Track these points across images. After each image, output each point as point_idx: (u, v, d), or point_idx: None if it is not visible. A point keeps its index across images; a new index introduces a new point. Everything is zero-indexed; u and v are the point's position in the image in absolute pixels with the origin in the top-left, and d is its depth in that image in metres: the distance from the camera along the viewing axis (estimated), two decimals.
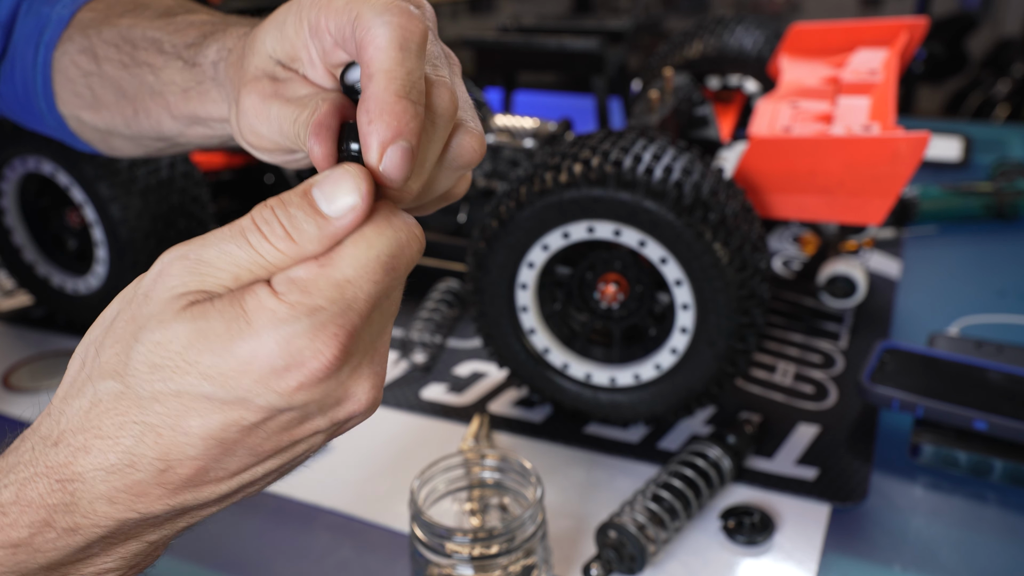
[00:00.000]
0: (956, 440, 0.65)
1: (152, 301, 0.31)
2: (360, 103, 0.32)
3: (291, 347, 0.30)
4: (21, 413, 0.78)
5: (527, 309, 0.70)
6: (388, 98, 0.31)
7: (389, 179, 0.31)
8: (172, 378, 0.30)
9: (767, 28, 1.09)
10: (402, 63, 0.31)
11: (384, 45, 0.31)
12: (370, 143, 0.31)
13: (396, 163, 0.31)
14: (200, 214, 0.86)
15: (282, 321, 0.30)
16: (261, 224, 0.31)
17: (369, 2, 0.33)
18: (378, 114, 0.31)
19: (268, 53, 0.38)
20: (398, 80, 0.31)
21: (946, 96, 2.99)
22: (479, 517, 0.58)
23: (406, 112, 0.31)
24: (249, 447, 0.32)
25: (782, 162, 0.74)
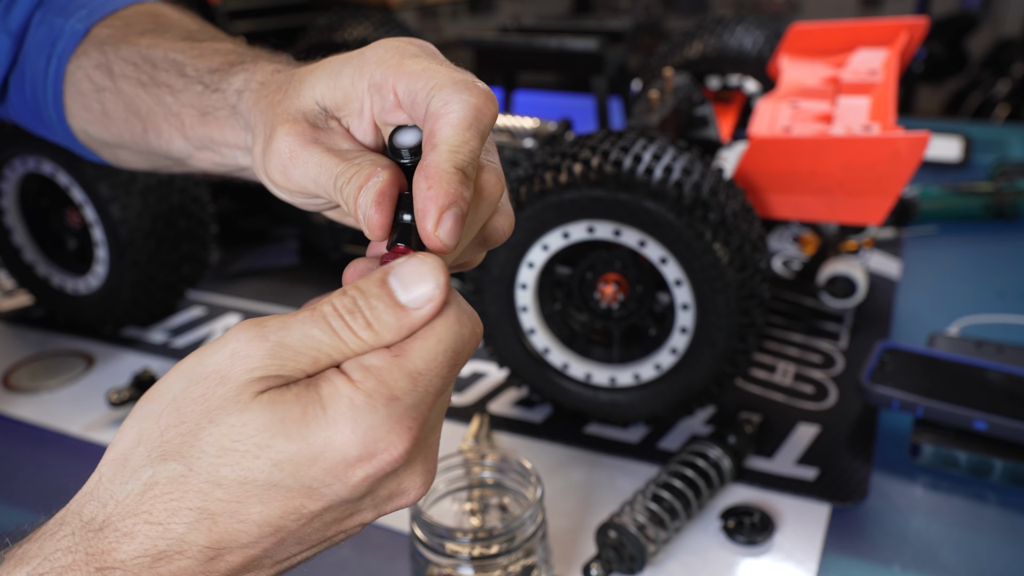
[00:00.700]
0: (956, 440, 0.66)
1: (228, 382, 0.30)
2: (420, 170, 0.33)
3: (367, 437, 0.30)
4: (21, 413, 0.78)
5: (527, 309, 0.70)
6: (448, 168, 0.32)
7: (442, 244, 0.32)
8: (240, 463, 0.30)
9: (767, 28, 1.09)
10: (467, 142, 0.33)
11: (456, 122, 0.33)
12: (428, 208, 0.32)
13: (450, 229, 0.32)
14: (200, 214, 0.86)
15: (359, 410, 0.30)
16: (344, 312, 0.31)
17: (452, 77, 0.34)
18: (437, 181, 0.32)
19: (315, 99, 0.38)
20: (460, 155, 0.33)
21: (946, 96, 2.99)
22: (479, 517, 0.58)
23: (462, 183, 0.33)
24: (300, 537, 0.32)
25: (782, 162, 0.74)
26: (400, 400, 0.30)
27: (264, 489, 0.30)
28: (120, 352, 0.87)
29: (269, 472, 0.30)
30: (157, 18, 0.55)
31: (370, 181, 0.34)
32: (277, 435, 0.30)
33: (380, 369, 0.31)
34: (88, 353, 0.87)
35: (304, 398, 0.30)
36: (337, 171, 0.36)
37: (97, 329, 0.90)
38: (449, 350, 0.32)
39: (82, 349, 0.88)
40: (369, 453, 0.30)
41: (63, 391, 0.81)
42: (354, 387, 0.30)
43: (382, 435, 0.30)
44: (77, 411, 0.78)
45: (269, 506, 0.30)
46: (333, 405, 0.30)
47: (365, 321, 0.31)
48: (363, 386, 0.30)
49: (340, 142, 0.38)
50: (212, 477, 0.30)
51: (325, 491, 0.30)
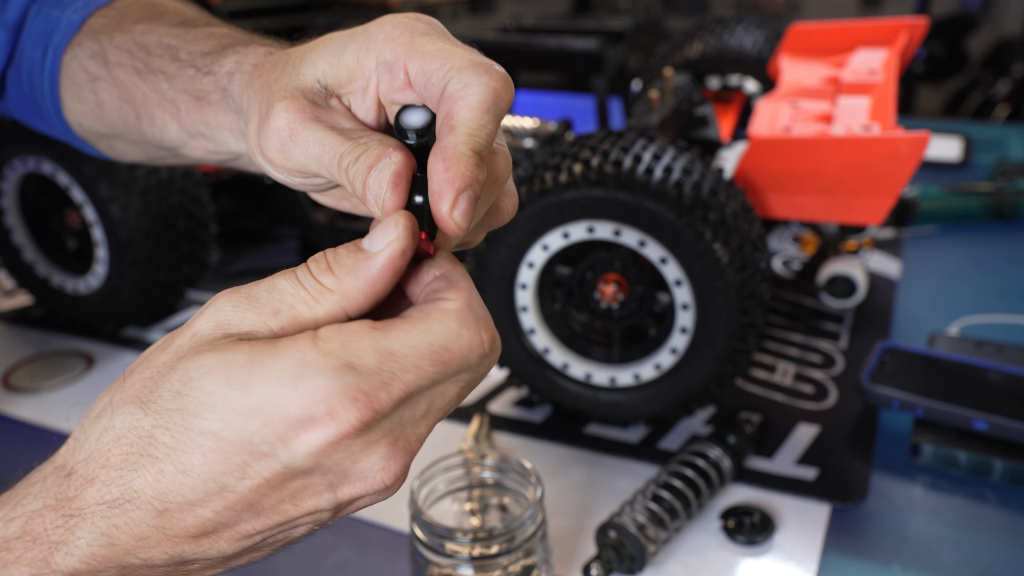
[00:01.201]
0: (956, 440, 0.65)
1: (195, 333, 0.31)
2: (437, 151, 0.33)
3: (310, 398, 0.29)
4: (21, 413, 0.78)
5: (527, 309, 0.70)
6: (466, 151, 0.32)
7: (455, 225, 0.32)
8: (187, 408, 0.30)
9: (767, 28, 1.09)
10: (485, 125, 0.33)
11: (476, 105, 0.33)
12: (444, 190, 0.32)
13: (464, 211, 0.32)
14: (200, 214, 0.86)
15: (308, 367, 0.29)
16: (310, 263, 0.32)
17: (470, 59, 0.34)
18: (455, 163, 0.32)
19: (316, 76, 0.37)
20: (478, 139, 0.33)
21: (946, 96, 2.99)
22: (479, 517, 0.58)
23: (479, 166, 0.32)
24: (250, 505, 0.31)
25: (782, 162, 0.74)
26: (356, 371, 0.29)
27: (205, 438, 0.30)
28: (120, 352, 0.87)
29: (210, 421, 0.29)
30: (153, 6, 0.55)
31: (381, 162, 0.33)
32: (221, 382, 0.29)
33: (350, 333, 0.30)
34: (88, 353, 0.87)
35: (257, 348, 0.30)
36: (342, 151, 0.35)
37: (97, 329, 0.90)
38: (434, 344, 0.30)
39: (82, 349, 0.88)
40: (311, 416, 0.29)
41: (63, 391, 0.81)
42: (312, 343, 0.29)
43: (324, 399, 0.29)
44: (77, 411, 0.78)
45: (210, 458, 0.30)
46: (282, 357, 0.29)
47: (326, 264, 0.32)
48: (324, 344, 0.29)
49: (341, 120, 0.37)
50: (161, 422, 0.30)
51: (266, 450, 0.29)
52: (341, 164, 0.35)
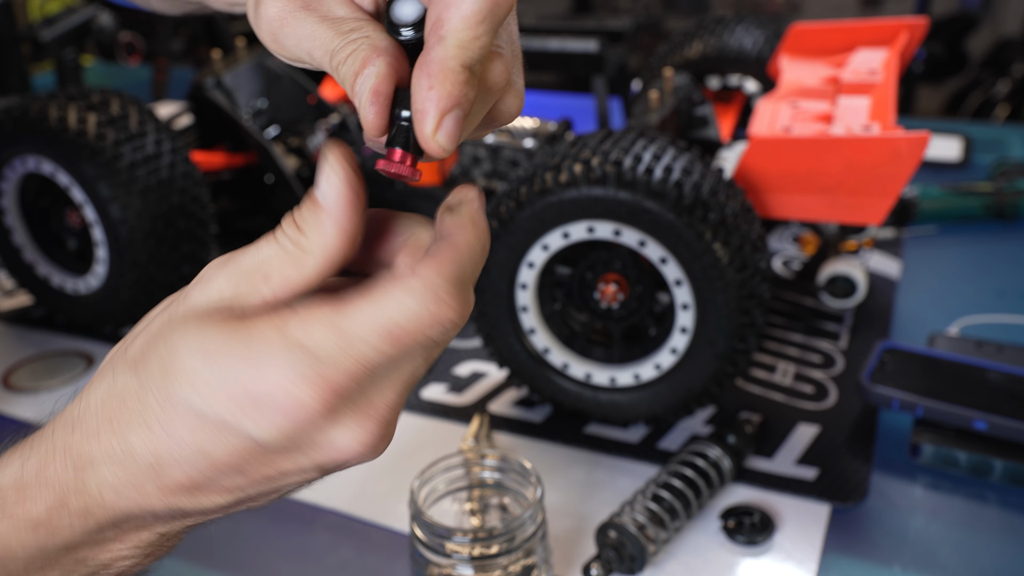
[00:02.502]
0: (956, 440, 0.65)
1: (186, 303, 0.32)
2: (421, 65, 0.30)
3: (269, 380, 0.30)
4: (21, 413, 0.78)
5: (527, 309, 0.70)
6: (454, 67, 0.29)
7: (440, 147, 0.30)
8: (169, 378, 0.31)
9: (767, 28, 1.09)
10: (478, 37, 0.29)
11: (469, 14, 0.29)
12: (428, 109, 0.30)
13: (450, 131, 0.30)
14: (200, 214, 0.86)
15: (270, 351, 0.30)
16: (284, 225, 0.32)
17: None
18: (440, 80, 0.29)
19: None
20: (469, 52, 0.29)
21: (946, 96, 2.99)
22: (479, 517, 0.58)
23: (468, 83, 0.30)
24: (237, 468, 0.32)
25: (782, 162, 0.74)
26: (311, 352, 0.30)
27: (185, 409, 0.31)
28: None
29: (189, 394, 0.31)
30: None
31: (366, 69, 0.31)
32: (198, 358, 0.30)
33: (309, 315, 0.30)
34: (88, 353, 0.87)
35: (234, 329, 0.31)
36: (332, 47, 0.32)
37: (97, 329, 0.90)
38: (389, 322, 0.30)
39: (82, 349, 0.88)
40: (271, 397, 0.30)
41: (63, 391, 0.81)
42: (276, 328, 0.30)
43: (281, 381, 0.30)
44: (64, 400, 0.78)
45: (191, 426, 0.31)
46: (252, 341, 0.30)
47: (294, 224, 0.32)
48: (288, 329, 0.30)
49: (335, 7, 0.33)
50: (151, 388, 0.31)
51: (236, 426, 0.31)
52: (332, 63, 0.32)
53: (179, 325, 0.31)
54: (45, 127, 0.80)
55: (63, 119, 0.80)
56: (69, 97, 0.83)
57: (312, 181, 0.40)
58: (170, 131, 0.86)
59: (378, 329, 0.30)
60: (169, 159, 0.84)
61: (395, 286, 0.30)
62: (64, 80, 1.32)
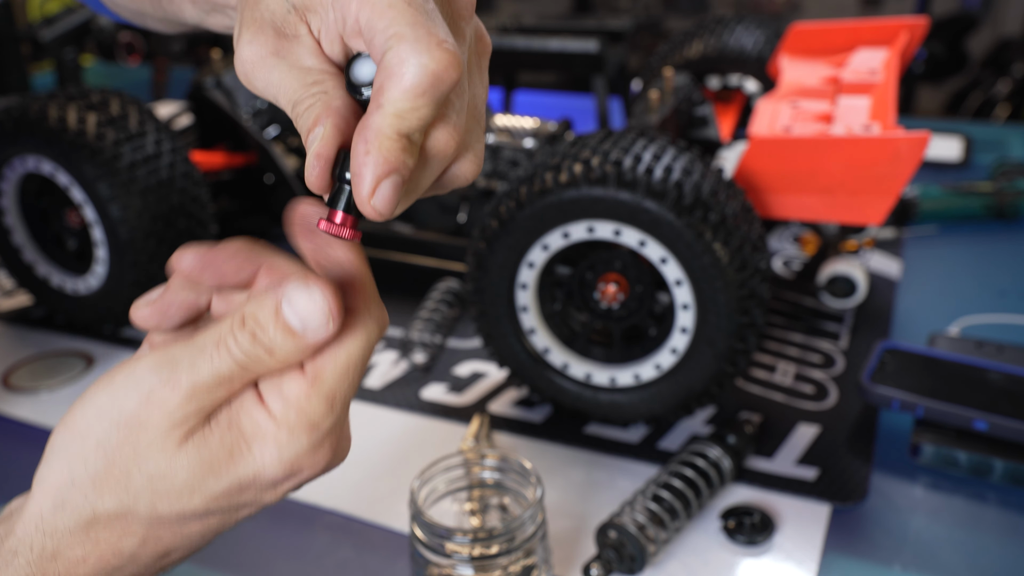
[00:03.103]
0: (956, 440, 0.65)
1: (150, 430, 0.33)
2: (359, 131, 0.30)
3: (293, 465, 0.33)
4: (21, 413, 0.78)
5: (527, 309, 0.70)
6: (391, 134, 0.30)
7: (375, 211, 0.31)
8: (177, 501, 0.33)
9: (767, 28, 1.09)
10: (417, 109, 0.30)
11: (408, 87, 0.30)
12: (364, 175, 0.30)
13: (386, 197, 0.31)
14: (200, 214, 0.86)
15: (284, 445, 0.33)
16: (247, 347, 0.33)
17: (415, 29, 0.30)
18: (376, 147, 0.30)
19: None
20: (406, 122, 0.30)
21: (946, 96, 2.99)
22: (479, 517, 0.58)
23: (404, 150, 0.30)
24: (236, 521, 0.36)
25: (782, 162, 0.74)
26: (319, 427, 0.33)
27: (201, 516, 0.34)
28: (120, 352, 0.87)
29: (205, 505, 0.34)
30: None
31: (316, 128, 0.32)
32: (207, 476, 0.33)
33: (299, 399, 0.33)
34: (88, 353, 0.87)
35: (227, 439, 0.33)
36: (295, 98, 0.33)
37: (97, 329, 0.90)
38: (359, 360, 0.33)
39: (82, 349, 0.88)
40: (294, 473, 0.34)
41: (63, 391, 0.81)
42: (276, 424, 0.33)
43: (306, 460, 0.34)
44: None
45: (206, 523, 0.35)
46: (258, 443, 0.33)
47: (268, 352, 0.33)
48: (285, 421, 0.33)
49: (305, 56, 0.34)
50: (151, 514, 0.34)
51: (256, 503, 0.35)
52: (294, 112, 0.33)
53: (158, 454, 0.33)
54: (45, 127, 0.80)
55: (63, 119, 0.80)
56: (69, 97, 0.83)
57: None
58: (170, 131, 0.86)
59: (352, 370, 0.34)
60: (169, 159, 0.84)
61: (351, 332, 0.34)
62: (64, 80, 1.32)
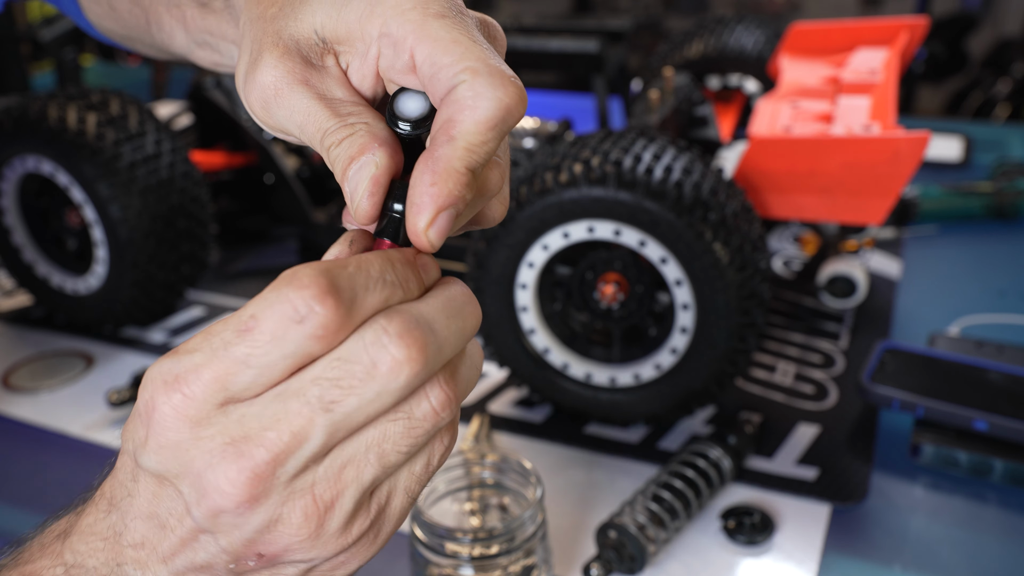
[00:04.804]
0: (956, 440, 0.65)
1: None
2: (427, 161, 0.30)
3: (143, 390, 0.29)
4: (21, 413, 0.78)
5: (527, 309, 0.70)
6: (460, 168, 0.30)
7: (429, 243, 0.30)
8: None
9: (767, 28, 1.09)
10: (487, 143, 0.30)
11: (483, 119, 0.30)
12: (425, 204, 0.30)
13: (442, 229, 0.30)
14: (200, 214, 0.86)
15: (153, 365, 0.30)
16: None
17: (488, 65, 0.30)
18: (444, 179, 0.30)
19: (314, 26, 0.33)
20: (476, 156, 0.30)
21: (946, 96, 2.99)
22: (479, 517, 0.58)
23: (468, 185, 0.30)
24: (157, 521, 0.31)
25: (782, 162, 0.74)
26: (175, 354, 0.29)
27: None
28: (120, 352, 0.87)
29: None
30: None
31: (364, 156, 0.31)
32: None
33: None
34: (88, 353, 0.87)
35: None
36: (327, 127, 0.32)
37: (96, 329, 0.90)
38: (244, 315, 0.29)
39: (82, 349, 0.88)
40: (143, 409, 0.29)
41: (63, 391, 0.81)
42: None
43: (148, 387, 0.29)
44: (77, 411, 0.78)
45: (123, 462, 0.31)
46: None
47: None
48: None
49: (334, 87, 0.33)
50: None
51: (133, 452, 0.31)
52: (324, 142, 0.32)
53: None
54: (45, 127, 0.80)
55: (63, 119, 0.80)
56: (69, 97, 0.83)
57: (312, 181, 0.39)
58: (170, 131, 0.86)
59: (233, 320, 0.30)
60: (169, 159, 0.84)
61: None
62: (64, 80, 1.31)
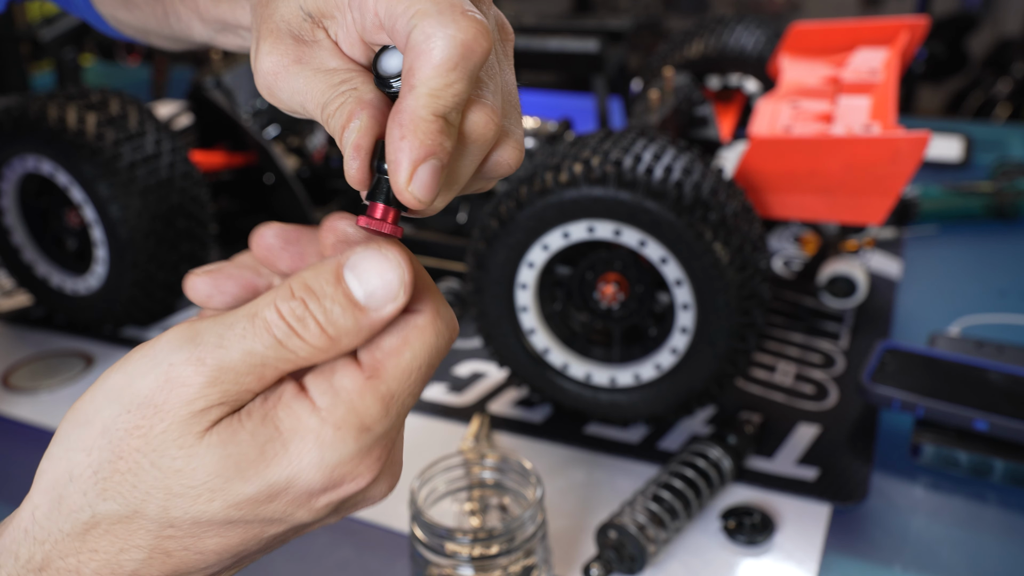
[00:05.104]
0: (957, 440, 0.65)
1: (167, 417, 0.28)
2: (393, 115, 0.29)
3: (335, 473, 0.29)
4: (21, 413, 0.78)
5: (527, 309, 0.70)
6: (426, 115, 0.28)
7: (415, 199, 0.29)
8: (193, 506, 0.29)
9: (767, 28, 1.09)
10: (451, 84, 0.28)
11: (438, 62, 0.28)
12: (400, 160, 0.28)
13: (425, 183, 0.29)
14: (200, 214, 0.86)
15: (327, 446, 0.28)
16: (292, 320, 0.28)
17: (437, 4, 0.29)
18: (411, 130, 0.28)
19: (299, 4, 0.33)
20: (441, 100, 0.28)
21: (947, 96, 2.99)
22: (479, 517, 0.58)
23: (441, 131, 0.29)
24: (261, 548, 0.31)
25: (782, 162, 0.74)
26: (372, 430, 0.29)
27: (221, 525, 0.29)
28: (119, 352, 0.87)
29: (226, 512, 0.29)
30: None
31: (351, 123, 0.30)
32: (232, 479, 0.28)
33: (351, 393, 0.29)
34: (87, 353, 0.87)
35: (260, 435, 0.28)
36: (323, 100, 0.32)
37: (96, 329, 0.90)
38: (424, 365, 0.30)
39: (81, 349, 0.88)
40: (335, 484, 0.29)
41: (62, 391, 0.81)
42: (321, 419, 0.28)
43: (350, 468, 0.29)
44: None
45: (227, 538, 0.30)
46: (297, 441, 0.28)
47: (319, 327, 0.28)
48: (331, 416, 0.28)
49: (327, 59, 0.33)
50: (162, 518, 0.29)
51: (287, 519, 0.30)
52: (323, 116, 0.32)
53: (175, 447, 0.28)
54: (44, 127, 0.80)
55: (62, 119, 0.80)
56: (68, 97, 0.83)
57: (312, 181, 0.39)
58: (170, 131, 0.86)
59: (415, 376, 0.30)
60: (169, 159, 0.83)
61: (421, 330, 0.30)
62: (63, 80, 1.31)
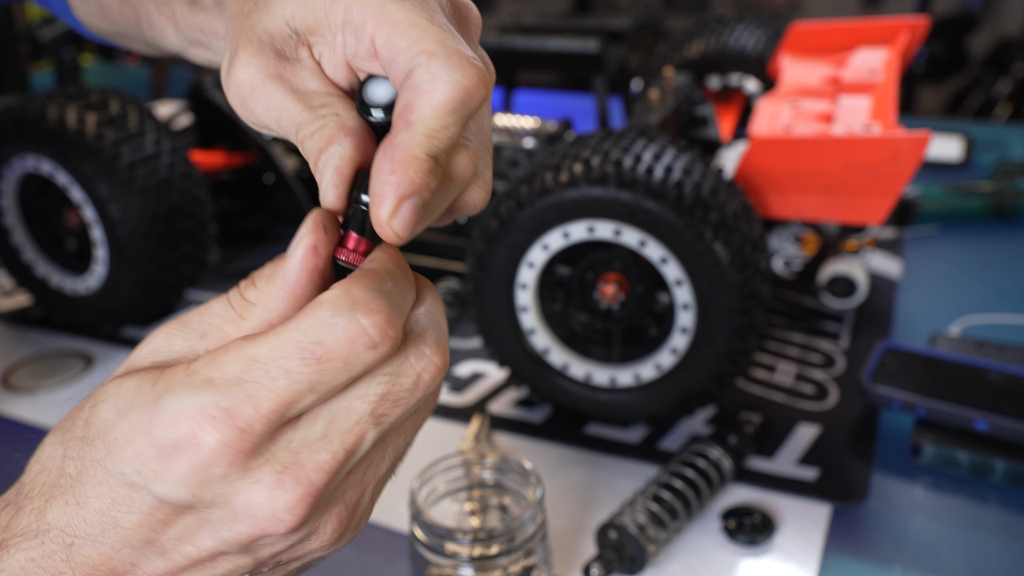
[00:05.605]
0: (957, 440, 0.65)
1: (127, 362, 0.31)
2: (385, 149, 0.29)
3: (170, 425, 0.27)
4: (20, 413, 0.78)
5: (527, 309, 0.70)
6: (419, 154, 0.28)
7: (394, 233, 0.29)
8: (87, 436, 0.30)
9: (767, 27, 1.09)
10: (447, 127, 0.29)
11: (441, 103, 0.28)
12: (386, 194, 0.28)
13: (407, 219, 0.29)
14: (200, 214, 0.86)
15: (171, 391, 0.28)
16: (240, 282, 0.31)
17: (445, 45, 0.29)
18: (403, 167, 0.28)
19: (286, 18, 0.32)
20: (436, 142, 0.29)
21: (947, 96, 2.99)
22: (479, 517, 0.58)
23: (430, 171, 0.29)
24: (147, 543, 0.29)
25: (783, 162, 0.74)
26: (215, 385, 0.27)
27: (97, 468, 0.29)
28: (119, 352, 0.87)
29: (99, 450, 0.29)
30: None
31: (331, 148, 0.30)
32: (111, 410, 0.29)
33: (220, 347, 0.28)
34: (87, 353, 0.87)
35: (145, 375, 0.29)
36: (299, 120, 0.32)
37: (96, 329, 0.90)
38: (305, 341, 0.27)
39: (81, 349, 0.88)
40: (174, 442, 0.27)
41: (62, 391, 0.81)
42: (186, 368, 0.28)
43: (183, 421, 0.27)
44: (70, 405, 0.78)
45: (100, 490, 0.29)
46: (165, 384, 0.28)
47: (251, 279, 0.30)
48: (192, 365, 0.28)
49: (307, 79, 0.32)
50: (69, 451, 0.30)
51: (139, 482, 0.28)
52: (298, 136, 0.32)
53: (108, 384, 0.30)
54: (44, 127, 0.80)
55: (62, 119, 0.80)
56: (68, 97, 0.83)
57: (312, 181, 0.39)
58: (169, 131, 0.86)
59: (293, 349, 0.27)
60: (168, 159, 0.83)
61: (312, 304, 0.28)
62: (63, 79, 1.31)
